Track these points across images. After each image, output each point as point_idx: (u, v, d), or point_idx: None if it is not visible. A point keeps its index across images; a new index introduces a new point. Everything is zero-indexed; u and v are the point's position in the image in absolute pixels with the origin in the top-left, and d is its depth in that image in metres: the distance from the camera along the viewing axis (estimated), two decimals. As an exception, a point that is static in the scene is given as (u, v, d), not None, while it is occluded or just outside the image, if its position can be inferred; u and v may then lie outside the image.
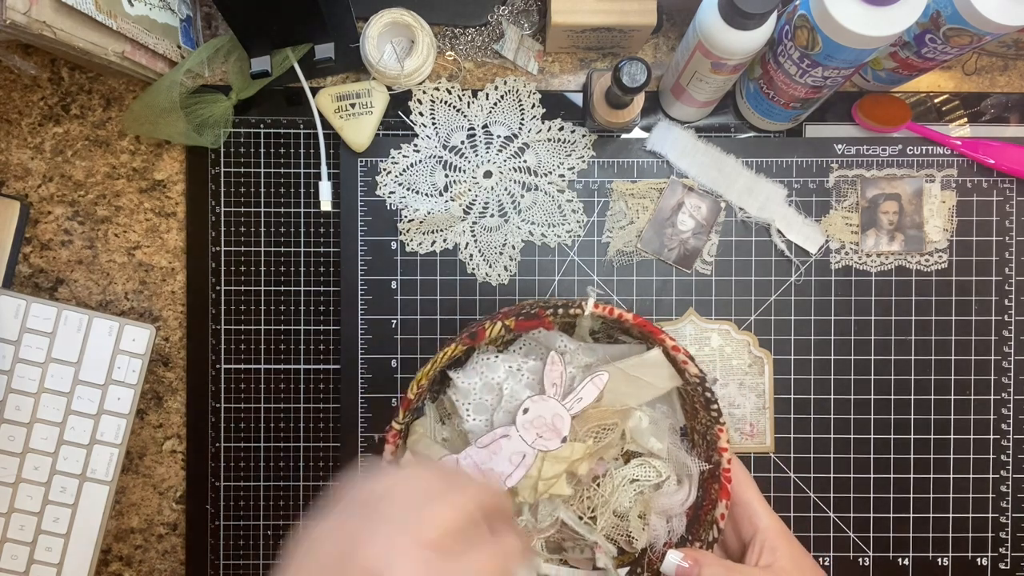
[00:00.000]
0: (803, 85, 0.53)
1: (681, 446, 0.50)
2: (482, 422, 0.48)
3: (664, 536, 0.49)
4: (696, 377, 0.46)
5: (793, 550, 0.46)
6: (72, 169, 0.62)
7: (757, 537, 0.46)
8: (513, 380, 0.48)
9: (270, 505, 0.62)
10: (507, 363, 0.49)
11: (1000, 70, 0.63)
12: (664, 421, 0.51)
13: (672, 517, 0.49)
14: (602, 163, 0.62)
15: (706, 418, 0.47)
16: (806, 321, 0.62)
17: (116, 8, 0.51)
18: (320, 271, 0.62)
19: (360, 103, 0.60)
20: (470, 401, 0.48)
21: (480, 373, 0.49)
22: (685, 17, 0.59)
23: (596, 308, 0.46)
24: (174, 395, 0.62)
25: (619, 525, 0.49)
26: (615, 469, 0.49)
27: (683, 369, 0.47)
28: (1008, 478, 0.62)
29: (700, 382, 0.46)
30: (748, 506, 0.47)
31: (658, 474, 0.49)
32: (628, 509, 0.48)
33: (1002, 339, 0.62)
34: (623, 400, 0.48)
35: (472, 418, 0.48)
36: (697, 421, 0.49)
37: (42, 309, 0.58)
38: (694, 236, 0.61)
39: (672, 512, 0.49)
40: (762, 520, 0.46)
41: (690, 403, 0.50)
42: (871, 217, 0.61)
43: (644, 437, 0.49)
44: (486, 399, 0.48)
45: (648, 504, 0.49)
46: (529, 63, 0.62)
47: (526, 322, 0.47)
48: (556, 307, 0.46)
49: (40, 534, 0.58)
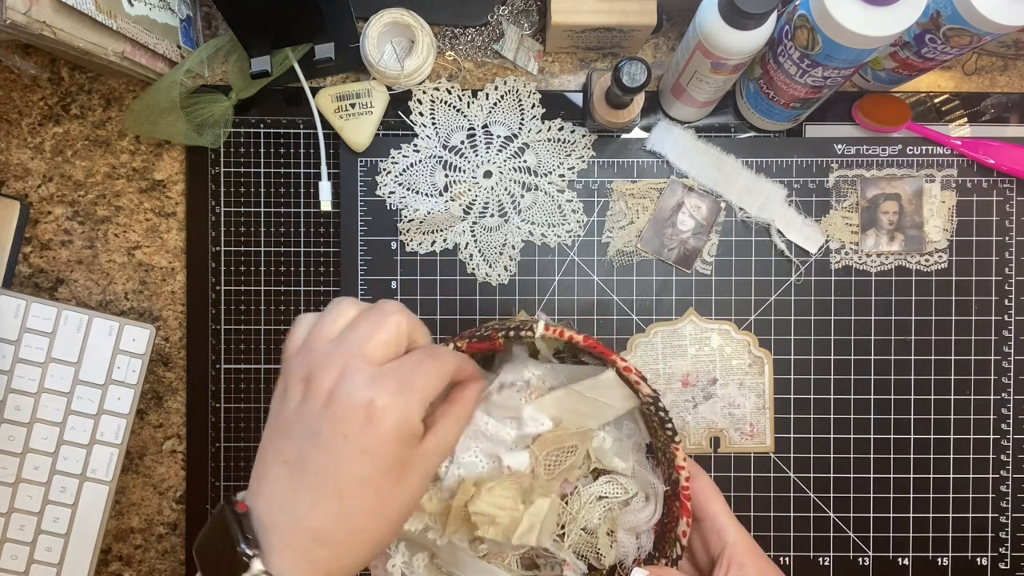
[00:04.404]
0: (803, 85, 0.53)
1: (647, 463, 0.50)
2: None
3: (633, 553, 0.48)
4: (649, 397, 0.46)
5: (760, 563, 0.46)
6: (72, 169, 0.62)
7: (725, 552, 0.46)
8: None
9: (270, 505, 0.62)
10: None
11: (1000, 70, 0.63)
12: (628, 440, 0.50)
13: (641, 533, 0.49)
14: (602, 163, 0.62)
15: (663, 437, 0.47)
16: (806, 321, 0.62)
17: (116, 8, 0.51)
18: (320, 271, 0.62)
19: (360, 103, 0.60)
20: None
21: None
22: (685, 17, 0.59)
23: (547, 331, 0.45)
24: (174, 395, 0.62)
25: (588, 542, 0.49)
26: (583, 487, 0.49)
27: (637, 389, 0.46)
28: (1008, 478, 0.62)
29: (653, 402, 0.46)
30: (715, 520, 0.47)
31: (625, 491, 0.49)
32: (597, 526, 0.48)
33: (1002, 339, 0.62)
34: (582, 421, 0.48)
35: None
36: (657, 439, 0.49)
37: (42, 309, 0.58)
38: (694, 236, 0.61)
39: (640, 528, 0.49)
40: (729, 535, 0.46)
41: (647, 422, 0.50)
42: (871, 217, 0.61)
43: (607, 457, 0.49)
44: None
45: (616, 521, 0.49)
46: (529, 63, 0.62)
47: (478, 344, 0.46)
48: (508, 330, 0.46)
49: (40, 534, 0.58)
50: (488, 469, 0.47)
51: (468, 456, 0.47)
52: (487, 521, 0.44)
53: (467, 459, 0.47)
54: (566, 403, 0.48)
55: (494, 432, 0.46)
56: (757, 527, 0.62)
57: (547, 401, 0.47)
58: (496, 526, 0.44)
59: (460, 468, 0.47)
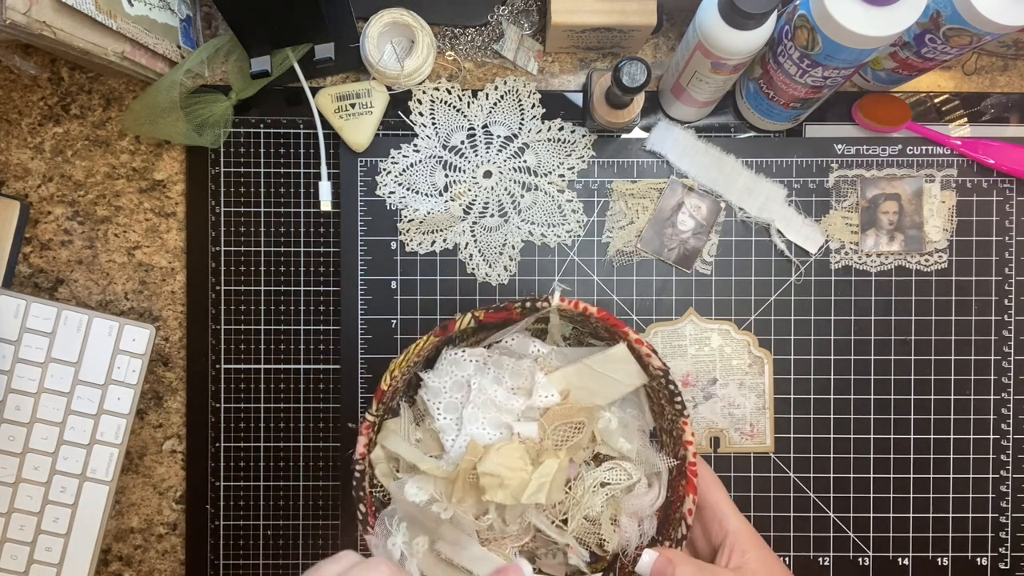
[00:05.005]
0: (803, 85, 0.53)
1: (651, 447, 0.51)
2: (452, 420, 0.49)
3: (636, 539, 0.49)
4: (660, 370, 0.47)
5: (762, 552, 0.46)
6: (72, 169, 0.62)
7: (727, 540, 0.46)
8: (480, 375, 0.49)
9: (270, 505, 0.62)
10: (473, 358, 0.50)
11: (1000, 70, 0.63)
12: (633, 423, 0.51)
13: (644, 519, 0.49)
14: (602, 163, 0.62)
15: (671, 412, 0.48)
16: (806, 321, 0.62)
17: (116, 8, 0.51)
18: (320, 271, 0.62)
19: (360, 103, 0.60)
20: (440, 400, 0.49)
21: (450, 372, 0.49)
22: (685, 17, 0.59)
23: (562, 302, 0.47)
24: (174, 395, 0.62)
25: (591, 529, 0.49)
26: (586, 472, 0.49)
27: (647, 363, 0.47)
28: (1008, 478, 0.62)
29: (664, 375, 0.47)
30: (716, 508, 0.47)
31: (628, 476, 0.49)
32: (599, 513, 0.48)
33: (1002, 339, 0.62)
34: (591, 398, 0.48)
35: (443, 416, 0.49)
36: (664, 418, 0.50)
37: (42, 309, 0.58)
38: (694, 236, 0.61)
39: (643, 514, 0.49)
40: (731, 523, 0.47)
41: (656, 400, 0.50)
42: (871, 217, 0.61)
43: (613, 438, 0.49)
44: (456, 397, 0.49)
45: (619, 506, 0.49)
46: (529, 63, 0.62)
47: (495, 314, 0.47)
48: (524, 301, 0.47)
49: (40, 534, 0.58)
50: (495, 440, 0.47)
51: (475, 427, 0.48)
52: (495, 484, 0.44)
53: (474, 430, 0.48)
54: (575, 379, 0.48)
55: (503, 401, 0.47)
56: (757, 527, 0.61)
57: (556, 376, 0.48)
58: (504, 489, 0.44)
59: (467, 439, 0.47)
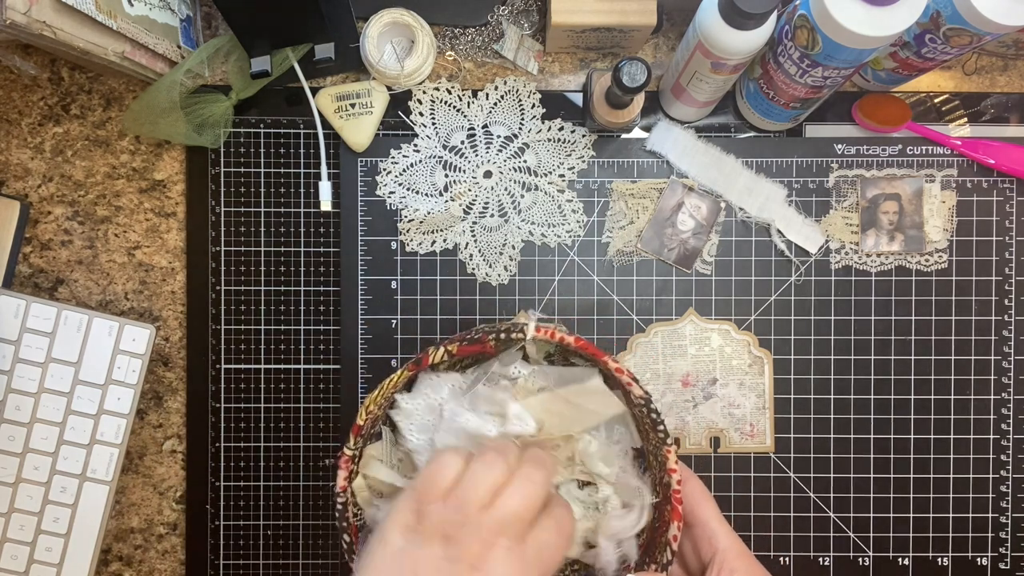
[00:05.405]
0: (803, 85, 0.53)
1: (632, 469, 0.50)
2: (424, 441, 0.48)
3: (615, 562, 0.48)
4: (641, 399, 0.45)
5: (752, 569, 0.46)
6: (72, 169, 0.62)
7: (716, 558, 0.46)
8: (454, 401, 0.48)
9: (270, 505, 0.62)
10: (449, 383, 0.49)
11: (1000, 70, 0.63)
12: (614, 446, 0.50)
13: (623, 541, 0.48)
14: (602, 163, 0.62)
15: (655, 439, 0.47)
16: (806, 321, 0.62)
17: (116, 8, 0.51)
18: (320, 271, 0.62)
19: (360, 103, 0.60)
20: (412, 422, 0.49)
21: (424, 394, 0.49)
22: (685, 17, 0.59)
23: (538, 332, 0.45)
24: (174, 395, 0.62)
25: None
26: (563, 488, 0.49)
27: (627, 391, 0.46)
28: (1008, 478, 0.62)
29: (645, 403, 0.45)
30: (706, 526, 0.47)
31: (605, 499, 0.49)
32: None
33: (1002, 339, 0.62)
34: (567, 427, 0.47)
35: (415, 438, 0.48)
36: (648, 442, 0.49)
37: (42, 309, 0.58)
38: (694, 236, 0.61)
39: (622, 536, 0.48)
40: (721, 541, 0.46)
41: (640, 425, 0.49)
42: (871, 217, 0.61)
43: (592, 461, 0.48)
44: (428, 419, 0.48)
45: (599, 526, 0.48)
46: (529, 63, 0.62)
47: (469, 347, 0.46)
48: (499, 332, 0.46)
49: (40, 534, 0.58)
50: None
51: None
52: None
53: None
54: (551, 407, 0.47)
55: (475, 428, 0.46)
56: (757, 527, 0.62)
57: (532, 403, 0.47)
58: None
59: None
